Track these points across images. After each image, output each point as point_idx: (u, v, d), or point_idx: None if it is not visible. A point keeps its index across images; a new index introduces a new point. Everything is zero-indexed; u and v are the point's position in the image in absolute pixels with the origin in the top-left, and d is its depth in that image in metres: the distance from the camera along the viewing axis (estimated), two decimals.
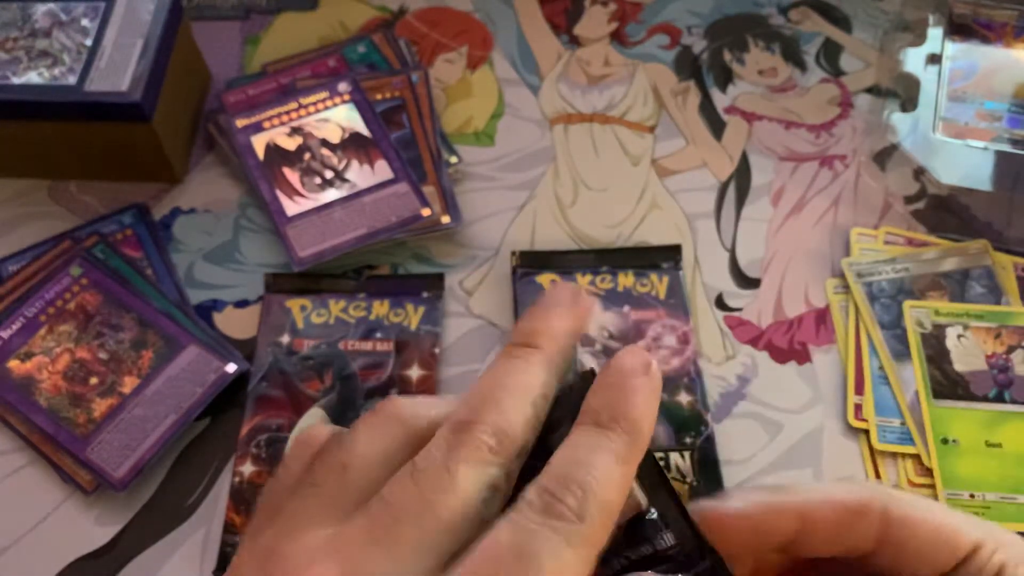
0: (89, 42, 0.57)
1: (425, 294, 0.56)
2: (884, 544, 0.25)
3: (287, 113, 0.61)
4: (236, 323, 0.56)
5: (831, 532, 0.26)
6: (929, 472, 0.50)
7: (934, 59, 0.63)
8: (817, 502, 0.26)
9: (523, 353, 0.25)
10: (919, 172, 0.61)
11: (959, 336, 0.54)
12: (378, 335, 0.54)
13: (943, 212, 0.60)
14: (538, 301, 0.27)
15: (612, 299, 0.55)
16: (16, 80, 0.55)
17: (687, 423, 0.51)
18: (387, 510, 0.22)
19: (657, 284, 0.56)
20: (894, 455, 0.51)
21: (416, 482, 0.22)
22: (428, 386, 0.52)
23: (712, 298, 0.57)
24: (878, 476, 0.50)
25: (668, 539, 0.24)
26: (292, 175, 0.59)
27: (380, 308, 0.55)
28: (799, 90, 0.66)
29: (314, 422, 0.51)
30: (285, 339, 0.54)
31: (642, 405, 0.24)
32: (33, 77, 0.56)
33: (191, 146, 0.63)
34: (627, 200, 0.61)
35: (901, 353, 0.53)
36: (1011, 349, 0.53)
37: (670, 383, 0.52)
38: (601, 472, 0.22)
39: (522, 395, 0.24)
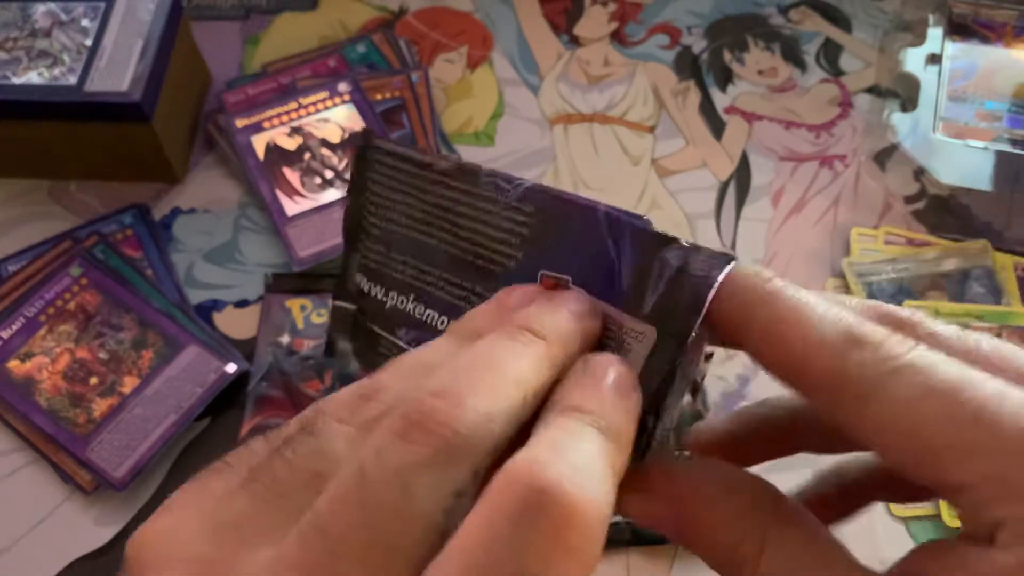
0: (89, 42, 0.57)
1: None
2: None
3: (287, 113, 0.61)
4: (236, 323, 0.56)
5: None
6: None
7: (934, 59, 0.63)
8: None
9: (527, 339, 0.20)
10: (919, 172, 0.61)
11: None
12: None
13: (943, 212, 0.60)
14: (554, 295, 0.22)
15: None
16: (16, 80, 0.55)
17: (687, 423, 0.51)
18: (324, 542, 0.17)
19: None
20: None
21: (362, 504, 0.17)
22: None
23: None
24: None
25: None
26: (292, 175, 0.59)
27: None
28: (799, 90, 0.66)
29: None
30: (285, 339, 0.54)
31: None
32: (33, 77, 0.56)
33: (191, 146, 0.63)
34: (627, 200, 0.61)
35: None
36: None
37: None
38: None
39: (514, 381, 0.19)
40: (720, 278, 0.20)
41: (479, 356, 0.19)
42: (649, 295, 0.21)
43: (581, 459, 0.18)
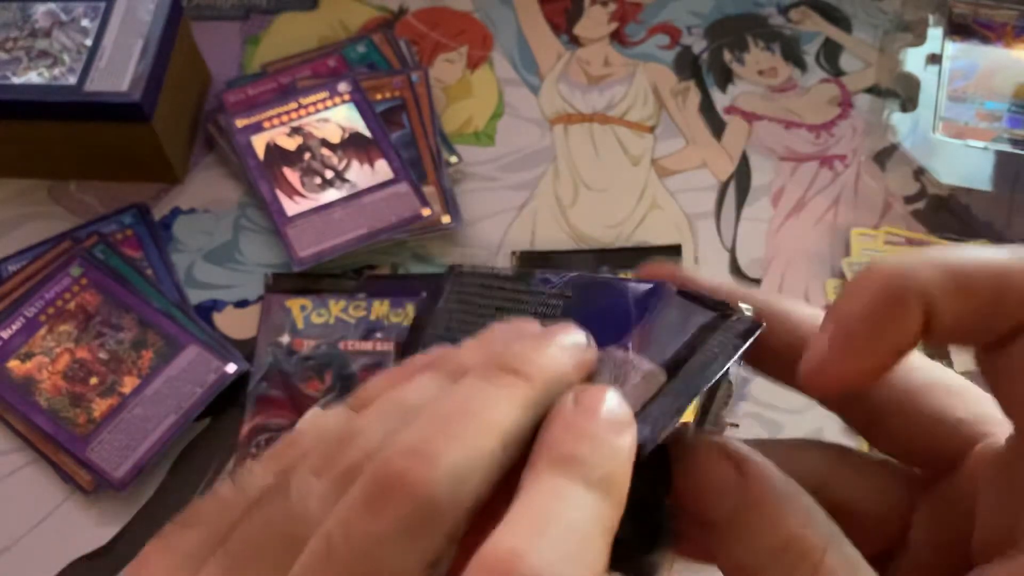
0: (89, 42, 0.57)
1: (425, 294, 0.56)
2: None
3: (287, 113, 0.61)
4: (236, 323, 0.56)
5: None
6: None
7: (934, 59, 0.63)
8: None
9: (507, 381, 0.19)
10: (919, 172, 0.61)
11: None
12: (378, 335, 0.54)
13: (943, 212, 0.60)
14: (541, 330, 0.21)
15: None
16: (16, 80, 0.55)
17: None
18: None
19: None
20: None
21: None
22: None
23: None
24: None
25: None
26: (292, 175, 0.59)
27: (380, 308, 0.55)
28: (799, 90, 0.66)
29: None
30: (285, 339, 0.54)
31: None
32: (33, 77, 0.56)
33: (191, 146, 0.63)
34: (627, 200, 0.61)
35: None
36: None
37: None
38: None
39: (492, 429, 0.18)
40: (744, 347, 0.19)
41: (456, 403, 0.18)
42: (669, 347, 0.20)
43: (568, 538, 0.16)
